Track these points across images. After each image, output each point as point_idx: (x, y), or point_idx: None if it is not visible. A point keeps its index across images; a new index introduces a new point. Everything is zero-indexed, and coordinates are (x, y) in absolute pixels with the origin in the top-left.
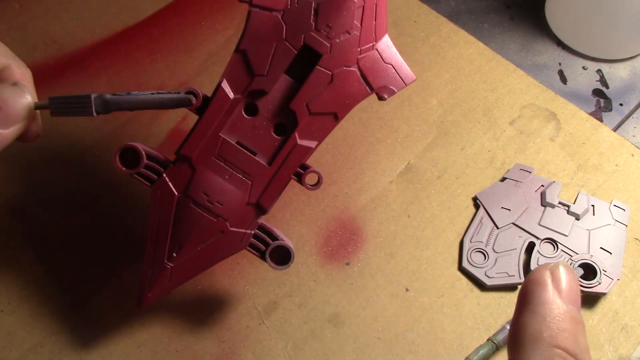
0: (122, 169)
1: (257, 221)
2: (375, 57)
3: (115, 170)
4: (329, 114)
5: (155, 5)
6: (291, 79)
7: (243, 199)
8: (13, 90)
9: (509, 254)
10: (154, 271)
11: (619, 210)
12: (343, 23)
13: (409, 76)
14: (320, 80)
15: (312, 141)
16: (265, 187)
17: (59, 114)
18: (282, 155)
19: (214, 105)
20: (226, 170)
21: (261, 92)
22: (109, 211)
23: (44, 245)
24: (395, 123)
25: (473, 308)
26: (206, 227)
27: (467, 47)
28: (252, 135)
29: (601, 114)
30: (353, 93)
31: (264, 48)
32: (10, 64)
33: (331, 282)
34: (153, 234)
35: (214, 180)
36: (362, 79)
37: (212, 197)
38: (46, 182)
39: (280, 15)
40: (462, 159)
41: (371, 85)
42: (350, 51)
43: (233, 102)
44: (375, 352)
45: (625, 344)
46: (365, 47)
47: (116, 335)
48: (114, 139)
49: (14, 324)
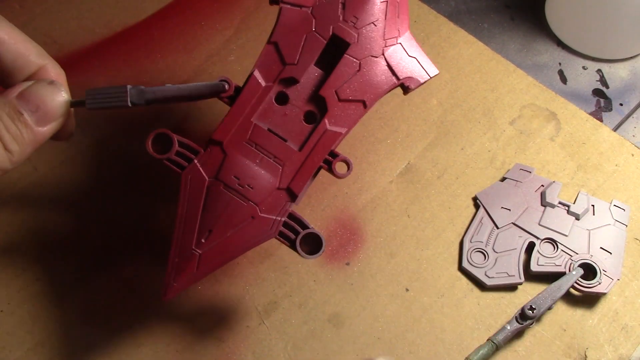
0: (154, 154)
1: (287, 208)
2: (399, 49)
3: (114, 169)
4: (357, 101)
5: (155, 5)
6: (321, 70)
7: (274, 183)
8: (50, 88)
9: (509, 254)
10: (181, 259)
11: (619, 210)
12: (369, 15)
13: (432, 69)
14: (348, 68)
15: (342, 127)
16: (295, 172)
17: (95, 107)
18: (313, 141)
19: (245, 92)
20: (257, 154)
21: (292, 80)
22: (110, 210)
23: (44, 244)
24: (395, 123)
25: (473, 308)
26: (236, 210)
27: (467, 47)
28: (282, 123)
29: (601, 114)
30: (380, 82)
31: (295, 39)
32: (46, 64)
33: (331, 282)
34: (181, 220)
35: (245, 164)
36: (388, 69)
37: (243, 180)
38: (46, 181)
39: (310, 11)
40: (462, 159)
41: (397, 76)
42: (376, 41)
43: (264, 90)
44: (375, 352)
45: (625, 344)
46: (390, 40)
47: (116, 335)
48: (114, 139)
49: (14, 324)
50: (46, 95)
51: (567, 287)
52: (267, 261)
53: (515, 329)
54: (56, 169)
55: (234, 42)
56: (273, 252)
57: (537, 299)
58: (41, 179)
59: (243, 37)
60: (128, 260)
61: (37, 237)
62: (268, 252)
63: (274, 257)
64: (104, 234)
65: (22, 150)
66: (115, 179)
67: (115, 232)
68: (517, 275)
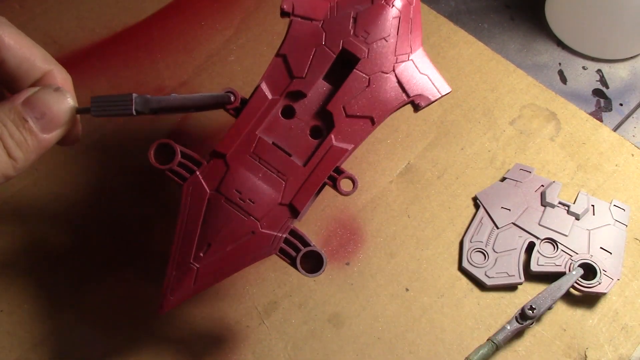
0: (156, 164)
1: (289, 225)
2: (411, 66)
3: (113, 170)
4: (365, 117)
5: (155, 5)
6: (329, 85)
7: (276, 198)
8: (56, 95)
9: (509, 254)
10: (179, 272)
11: (619, 210)
12: (381, 30)
13: (445, 87)
14: (357, 83)
15: (348, 144)
16: (299, 187)
17: (100, 114)
18: (318, 157)
19: (251, 104)
20: (260, 168)
21: (299, 94)
22: (109, 211)
23: (44, 245)
24: (395, 123)
25: (473, 308)
26: (237, 225)
27: (467, 47)
28: (288, 137)
29: (601, 114)
30: (390, 99)
31: (304, 52)
32: (52, 69)
33: (331, 282)
34: (180, 232)
35: (248, 178)
36: (398, 86)
37: (244, 194)
38: (45, 182)
39: (320, 24)
40: (462, 159)
41: (408, 93)
42: (387, 57)
43: (271, 103)
44: (375, 352)
45: (625, 344)
46: (401, 56)
47: (116, 335)
48: (114, 139)
49: (14, 324)
50: (52, 102)
51: (567, 287)
52: (267, 261)
53: (515, 329)
54: (56, 169)
55: (234, 42)
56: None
57: (537, 299)
58: (41, 179)
59: (243, 37)
60: (128, 259)
61: (37, 238)
62: None
63: (274, 257)
64: (104, 234)
65: (26, 157)
66: (116, 179)
67: (115, 233)
68: (517, 275)
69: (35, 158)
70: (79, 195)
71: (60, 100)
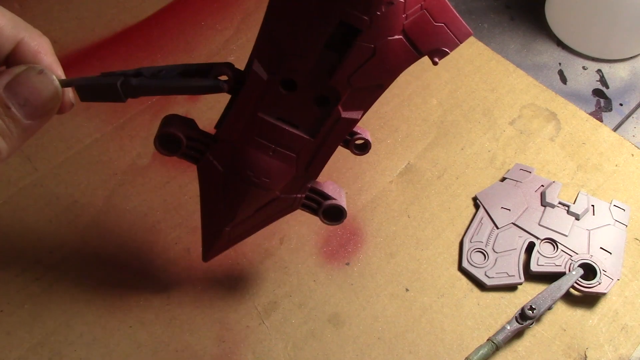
0: (164, 153)
1: (307, 186)
2: (424, 18)
3: (112, 169)
4: (372, 86)
5: (155, 6)
6: (331, 51)
7: (291, 172)
8: (40, 78)
9: (509, 254)
10: (212, 236)
11: (619, 210)
12: None
13: (463, 32)
14: (361, 55)
15: (357, 111)
16: (311, 158)
17: (88, 100)
18: (326, 128)
19: (247, 89)
20: (269, 147)
21: (296, 69)
22: (108, 209)
23: (43, 244)
24: (395, 123)
25: (473, 308)
26: (256, 198)
27: (467, 47)
28: (292, 109)
29: (601, 114)
30: (399, 62)
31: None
32: (22, 37)
33: (331, 282)
34: (205, 209)
35: (259, 158)
36: (409, 45)
37: (257, 174)
38: (45, 182)
39: None
40: (462, 159)
41: (420, 50)
42: (395, 20)
43: (268, 83)
44: (375, 352)
45: (625, 344)
46: (412, 11)
47: (116, 335)
48: (114, 139)
49: (14, 324)
50: (35, 86)
51: (567, 287)
52: (267, 261)
53: (515, 329)
54: (56, 169)
55: (234, 42)
56: (273, 252)
57: (537, 299)
58: (41, 179)
59: (243, 37)
60: (128, 259)
61: (36, 237)
62: (268, 252)
63: (274, 257)
64: (104, 233)
65: (11, 145)
66: (116, 179)
67: (115, 231)
68: (517, 275)
69: (21, 145)
70: (79, 195)
71: (45, 84)
